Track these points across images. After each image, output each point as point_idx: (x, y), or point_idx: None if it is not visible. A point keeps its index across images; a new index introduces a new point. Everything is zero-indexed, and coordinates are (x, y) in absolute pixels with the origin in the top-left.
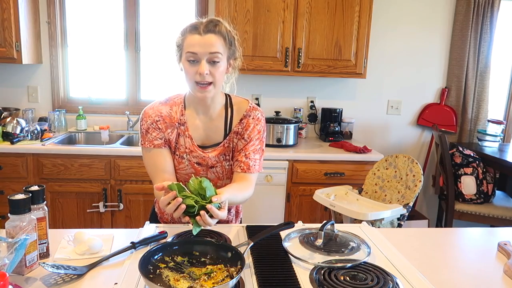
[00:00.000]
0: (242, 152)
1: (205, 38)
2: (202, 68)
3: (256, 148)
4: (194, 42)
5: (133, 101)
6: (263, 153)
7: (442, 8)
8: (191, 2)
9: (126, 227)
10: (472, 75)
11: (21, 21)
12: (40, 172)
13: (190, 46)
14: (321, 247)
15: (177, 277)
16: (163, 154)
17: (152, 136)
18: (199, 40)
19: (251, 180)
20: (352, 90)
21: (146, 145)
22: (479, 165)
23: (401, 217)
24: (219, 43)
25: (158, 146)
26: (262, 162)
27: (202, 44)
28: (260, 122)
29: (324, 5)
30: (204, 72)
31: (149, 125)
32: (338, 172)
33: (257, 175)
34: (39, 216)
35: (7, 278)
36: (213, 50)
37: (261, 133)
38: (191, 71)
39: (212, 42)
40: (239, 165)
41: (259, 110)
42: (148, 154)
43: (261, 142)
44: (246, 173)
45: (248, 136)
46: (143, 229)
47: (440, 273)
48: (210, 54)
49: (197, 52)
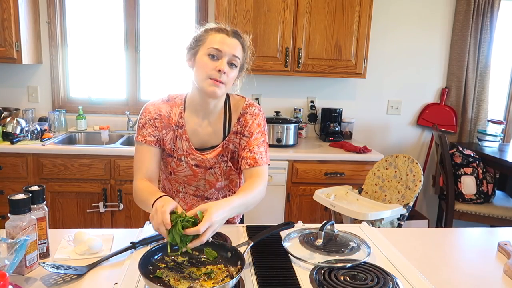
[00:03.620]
0: (246, 148)
1: (232, 40)
2: (223, 65)
3: (259, 142)
4: (221, 40)
5: (133, 101)
6: (268, 146)
7: (442, 8)
8: (191, 2)
9: (126, 227)
10: (472, 75)
11: (21, 21)
12: (40, 172)
13: (216, 42)
14: (321, 247)
15: (177, 277)
16: (151, 152)
17: (147, 131)
18: (227, 40)
19: (261, 173)
20: (352, 90)
21: (139, 138)
22: (479, 165)
23: (401, 217)
24: (240, 50)
25: (149, 143)
26: (268, 155)
27: (228, 44)
28: (259, 116)
29: (324, 5)
30: (223, 69)
31: (146, 120)
32: (338, 172)
33: (267, 168)
34: (39, 216)
35: (7, 278)
36: (236, 53)
37: (261, 127)
38: (210, 65)
39: (237, 46)
40: (246, 161)
41: (256, 106)
42: (139, 148)
43: (263, 135)
44: (255, 167)
45: (248, 132)
46: (143, 229)
47: (440, 273)
48: (233, 56)
49: (222, 50)
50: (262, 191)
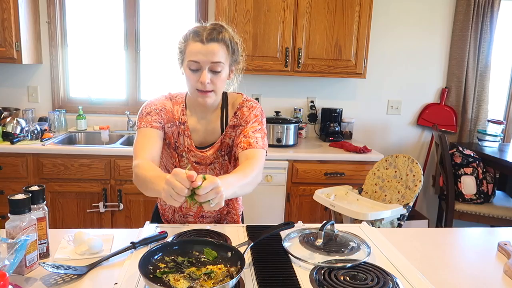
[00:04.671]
0: (241, 134)
1: (208, 47)
2: (204, 77)
3: (255, 129)
4: (196, 51)
5: (133, 101)
6: (265, 135)
7: (442, 8)
8: (191, 2)
9: (126, 227)
10: (472, 75)
11: (21, 21)
12: (40, 172)
13: (192, 54)
14: (321, 247)
15: (177, 277)
16: (157, 135)
17: (152, 118)
18: (201, 48)
19: (255, 156)
20: (352, 90)
21: (143, 125)
22: (479, 165)
23: (401, 217)
24: (221, 52)
25: (156, 127)
26: (265, 142)
27: (204, 53)
28: (256, 108)
29: (324, 5)
30: (205, 82)
31: (152, 109)
32: (338, 172)
33: (263, 153)
34: (39, 216)
35: (7, 278)
36: (216, 59)
37: (258, 117)
38: (193, 79)
39: (215, 51)
40: (240, 145)
41: (253, 101)
42: (142, 132)
43: (260, 124)
44: (248, 149)
45: (245, 121)
46: (143, 229)
47: (440, 273)
48: (212, 63)
49: (199, 61)
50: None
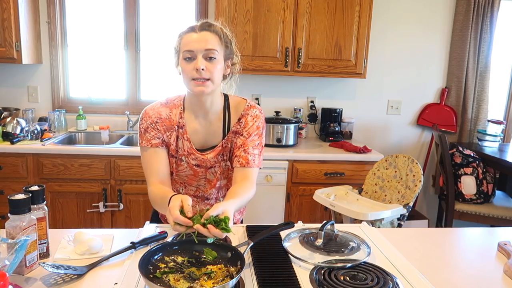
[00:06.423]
0: (241, 147)
1: (201, 34)
2: (199, 63)
3: (255, 144)
4: (190, 40)
5: (133, 101)
6: (263, 150)
7: (442, 8)
8: (191, 2)
9: (126, 227)
10: (472, 75)
11: (21, 21)
12: (40, 172)
13: (186, 44)
14: (321, 247)
15: (177, 277)
16: (159, 154)
17: (150, 135)
18: (195, 37)
19: (251, 176)
20: (352, 90)
21: (144, 144)
22: (479, 165)
23: (401, 217)
24: (214, 40)
25: (156, 145)
26: (261, 158)
27: (197, 41)
28: (259, 118)
29: (324, 5)
30: (200, 67)
31: (148, 124)
32: (338, 172)
33: (257, 171)
34: (39, 216)
35: (7, 278)
36: (209, 46)
37: (260, 129)
38: (188, 68)
39: (208, 38)
40: (238, 159)
41: (258, 108)
42: (145, 153)
43: (260, 138)
44: (245, 167)
45: (247, 133)
46: (143, 229)
47: (440, 273)
48: (206, 50)
49: (193, 49)
50: (251, 196)
